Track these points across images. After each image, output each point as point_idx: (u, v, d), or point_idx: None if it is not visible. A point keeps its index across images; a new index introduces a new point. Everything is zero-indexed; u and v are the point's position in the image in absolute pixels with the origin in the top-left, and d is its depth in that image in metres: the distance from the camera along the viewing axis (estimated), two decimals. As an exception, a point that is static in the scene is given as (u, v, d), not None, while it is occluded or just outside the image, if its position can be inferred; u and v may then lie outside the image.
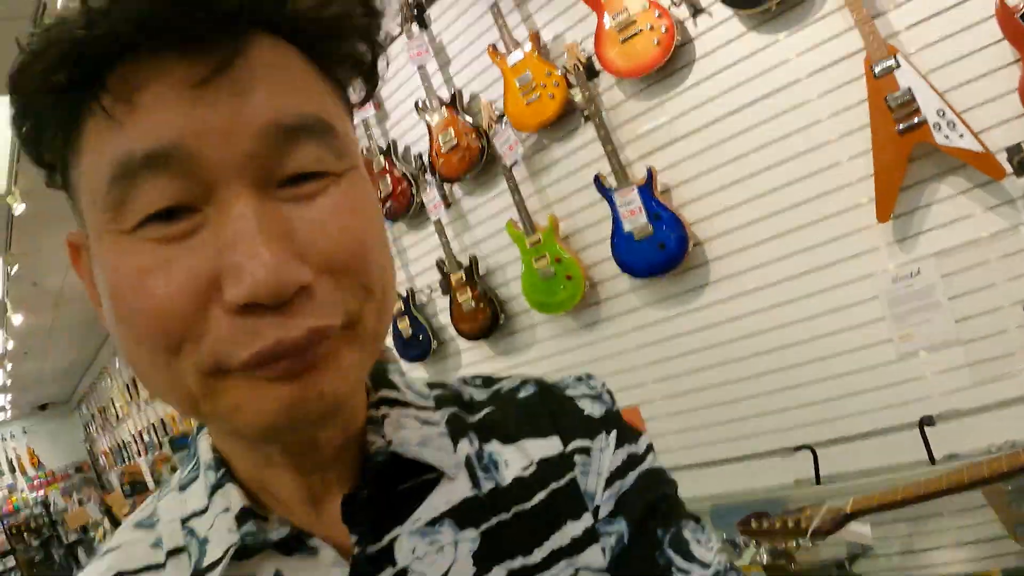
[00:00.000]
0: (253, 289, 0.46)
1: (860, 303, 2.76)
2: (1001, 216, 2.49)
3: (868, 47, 2.55)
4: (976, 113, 2.46)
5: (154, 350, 0.50)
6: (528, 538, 0.63)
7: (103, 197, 0.49)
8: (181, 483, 0.65)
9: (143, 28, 0.46)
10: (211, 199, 0.49)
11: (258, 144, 0.49)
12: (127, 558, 0.63)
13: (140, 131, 0.47)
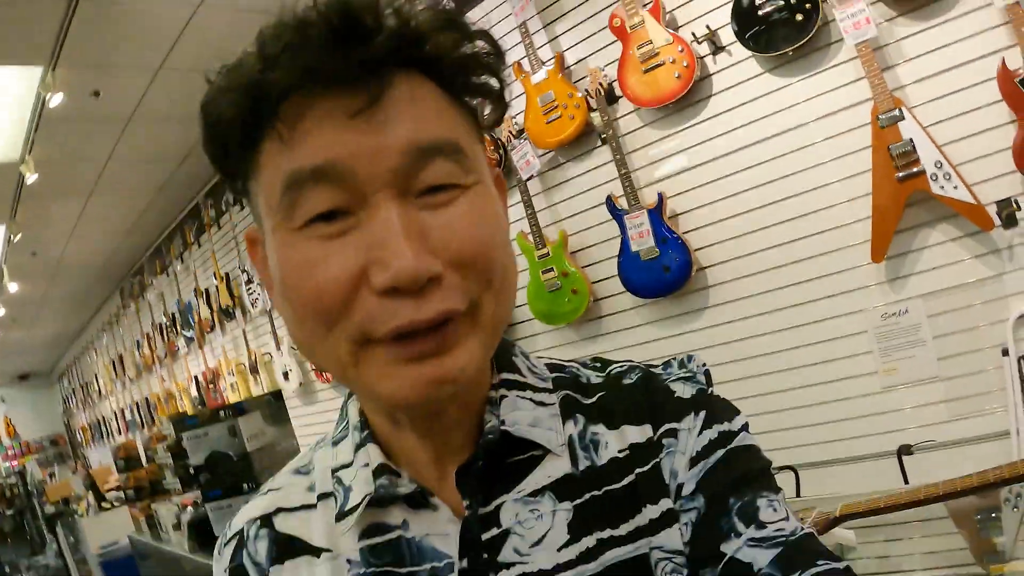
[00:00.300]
0: (396, 277, 0.57)
1: (849, 336, 2.95)
2: (987, 265, 2.69)
3: (876, 98, 2.74)
4: (971, 167, 2.66)
5: (315, 324, 0.62)
6: (615, 514, 0.70)
7: (277, 203, 0.62)
8: (334, 439, 0.78)
9: (308, 73, 0.58)
10: (362, 205, 0.60)
11: (400, 161, 0.60)
12: (286, 497, 0.78)
13: (307, 152, 0.59)
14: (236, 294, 6.37)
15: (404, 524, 0.70)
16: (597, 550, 0.68)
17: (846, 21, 2.75)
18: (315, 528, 0.74)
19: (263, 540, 0.76)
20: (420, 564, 0.69)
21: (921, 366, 2.78)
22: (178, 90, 4.60)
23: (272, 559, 0.75)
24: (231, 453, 3.12)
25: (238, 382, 6.52)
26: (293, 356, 5.80)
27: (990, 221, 2.61)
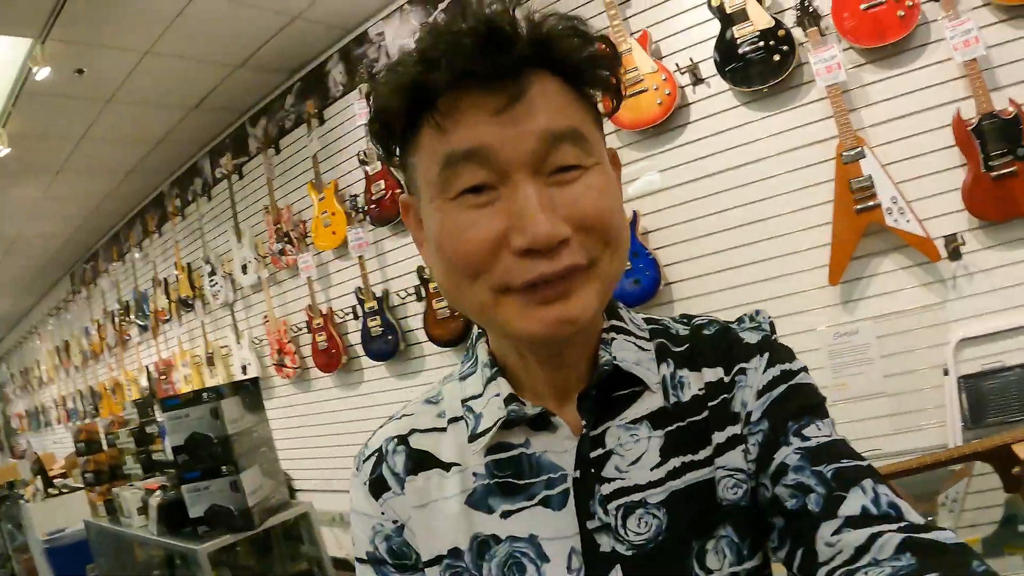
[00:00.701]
0: (533, 240, 0.72)
1: (804, 352, 3.14)
2: (932, 292, 3.00)
3: (841, 136, 3.03)
4: (923, 204, 2.96)
5: (462, 276, 0.77)
6: (695, 441, 0.85)
7: (435, 178, 0.76)
8: (461, 375, 0.94)
9: (462, 75, 0.73)
10: (504, 181, 0.75)
11: (535, 147, 0.74)
12: (419, 421, 0.93)
13: (460, 138, 0.74)
14: (197, 285, 6.38)
15: (526, 443, 0.86)
16: (681, 470, 0.84)
17: (819, 64, 3.03)
18: (444, 447, 0.90)
19: (400, 455, 0.90)
20: (538, 476, 0.84)
21: (869, 382, 3.06)
22: (162, 75, 4.65)
23: (408, 470, 0.89)
24: (212, 435, 3.17)
25: (192, 374, 6.53)
26: (253, 351, 5.87)
27: (937, 253, 2.92)
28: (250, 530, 3.21)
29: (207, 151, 6.23)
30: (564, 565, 0.81)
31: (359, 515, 0.91)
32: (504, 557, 0.83)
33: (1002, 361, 2.85)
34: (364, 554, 0.90)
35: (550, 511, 0.83)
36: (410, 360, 4.78)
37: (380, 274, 4.84)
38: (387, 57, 4.63)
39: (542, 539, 0.83)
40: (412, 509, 0.88)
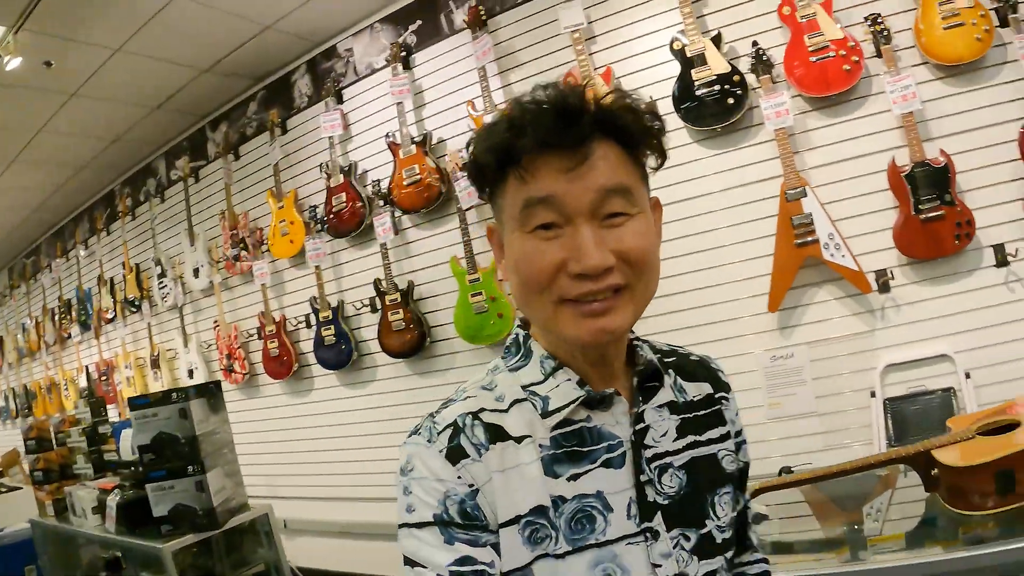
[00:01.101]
0: (585, 268, 0.98)
1: (743, 373, 3.45)
2: (863, 321, 3.29)
3: (786, 175, 3.30)
4: (857, 240, 3.26)
5: (532, 290, 1.03)
6: (700, 428, 1.18)
7: (517, 215, 1.02)
8: (511, 367, 1.13)
9: (542, 143, 0.98)
10: (568, 223, 1.00)
11: (593, 199, 0.99)
12: (483, 403, 1.08)
13: (538, 188, 1.00)
14: (146, 287, 6.38)
15: (588, 418, 1.08)
16: (692, 445, 1.15)
17: (769, 109, 3.30)
18: (510, 424, 1.06)
19: (479, 427, 1.04)
20: (598, 443, 1.07)
21: (801, 402, 3.33)
22: (129, 74, 4.71)
23: (488, 440, 1.04)
24: (179, 435, 3.23)
25: (135, 376, 6.51)
26: (200, 355, 5.90)
27: (868, 286, 3.22)
28: (214, 530, 3.28)
29: (163, 152, 6.25)
30: (624, 513, 1.05)
31: (427, 481, 1.01)
32: (572, 512, 1.03)
33: (924, 386, 3.15)
34: (431, 516, 0.99)
35: (612, 470, 1.06)
36: (362, 370, 4.90)
37: (336, 284, 4.96)
38: (355, 73, 4.80)
39: (607, 494, 1.05)
40: (494, 473, 1.02)
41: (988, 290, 3.17)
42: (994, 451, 1.65)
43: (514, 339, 1.17)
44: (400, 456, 1.06)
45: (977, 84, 3.21)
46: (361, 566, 4.97)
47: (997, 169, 3.16)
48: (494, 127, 1.04)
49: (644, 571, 1.03)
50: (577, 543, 1.02)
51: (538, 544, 1.01)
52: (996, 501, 1.63)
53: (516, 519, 1.01)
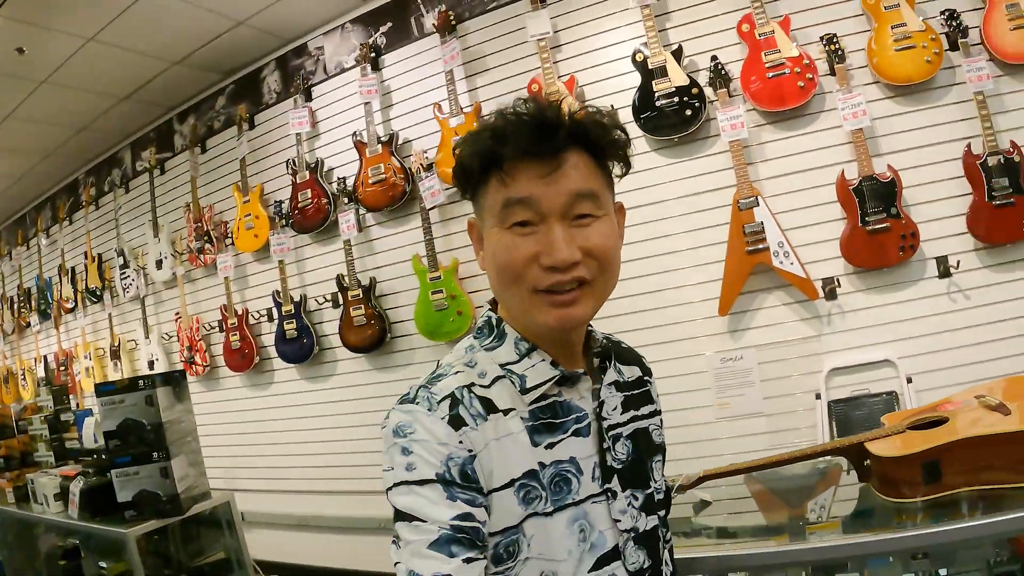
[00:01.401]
0: (555, 260, 1.10)
1: (693, 373, 3.58)
2: (809, 327, 3.43)
3: (739, 185, 3.42)
4: (806, 249, 3.40)
5: (508, 279, 1.15)
6: (637, 403, 1.33)
7: (497, 213, 1.14)
8: (486, 347, 1.23)
9: (523, 151, 1.11)
10: (543, 221, 1.12)
11: (565, 201, 1.12)
12: (471, 378, 1.18)
13: (516, 190, 1.12)
14: (107, 277, 6.35)
15: (559, 394, 1.21)
16: (633, 419, 1.30)
17: (725, 122, 3.42)
18: (497, 398, 1.17)
19: (475, 399, 1.15)
20: (568, 415, 1.20)
21: (749, 403, 3.45)
22: (100, 63, 4.71)
23: (484, 411, 1.14)
24: (145, 422, 3.26)
25: (94, 366, 6.48)
26: (161, 346, 5.89)
27: (816, 293, 3.35)
28: (178, 515, 3.31)
29: (130, 143, 6.23)
30: (591, 476, 1.19)
31: (430, 444, 1.08)
32: (552, 475, 1.15)
33: (867, 389, 3.29)
34: (433, 475, 1.06)
35: (581, 438, 1.20)
36: (322, 364, 4.94)
37: (299, 279, 5.00)
38: (324, 72, 4.85)
39: (579, 459, 1.18)
40: (490, 441, 1.12)
41: (930, 299, 3.33)
42: (922, 443, 1.75)
43: (486, 321, 1.27)
44: (391, 420, 1.13)
45: (925, 104, 3.36)
46: (318, 559, 5.05)
47: (942, 185, 3.31)
48: (479, 135, 1.16)
49: (607, 525, 1.19)
50: (557, 503, 1.14)
51: (530, 504, 1.12)
52: (924, 490, 1.73)
53: (511, 483, 1.11)
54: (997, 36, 3.23)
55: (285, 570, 5.17)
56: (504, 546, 1.10)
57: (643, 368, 1.43)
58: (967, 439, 1.71)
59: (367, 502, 4.61)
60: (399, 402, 1.15)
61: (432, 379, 1.18)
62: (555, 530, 1.13)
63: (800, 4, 3.52)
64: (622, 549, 1.19)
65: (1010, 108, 3.28)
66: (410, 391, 1.17)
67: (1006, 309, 3.26)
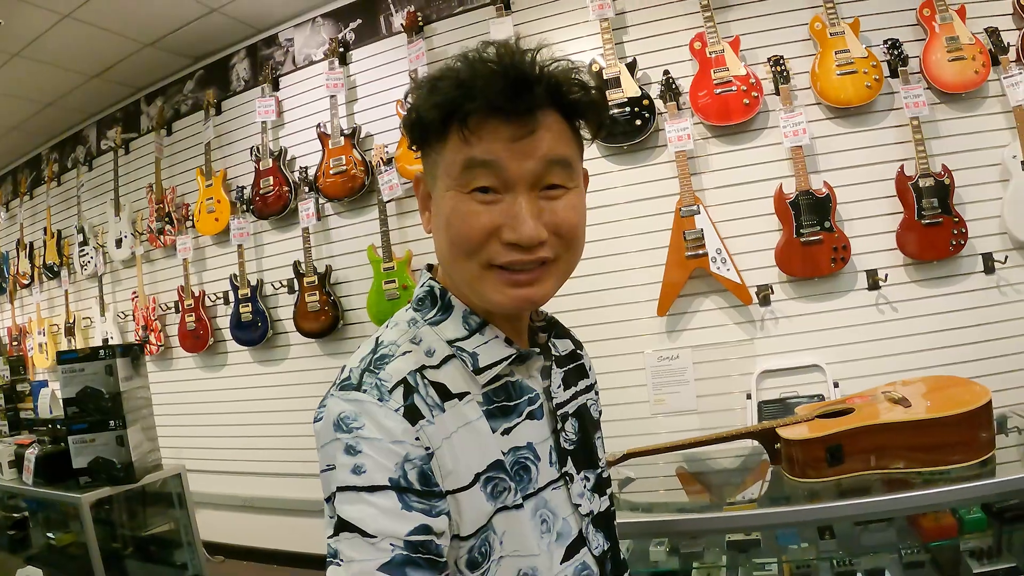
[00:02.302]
0: (520, 238, 0.94)
1: (631, 370, 3.69)
2: (743, 330, 3.56)
3: (682, 194, 3.54)
4: (743, 257, 3.53)
5: (461, 251, 0.98)
6: (574, 379, 1.20)
7: (456, 174, 0.96)
8: (431, 321, 1.05)
9: (492, 107, 0.93)
10: (508, 190, 0.95)
11: (536, 169, 0.95)
12: (420, 359, 1.00)
13: (481, 150, 0.94)
14: (66, 253, 6.29)
15: (511, 372, 1.07)
16: (575, 395, 1.18)
17: (672, 133, 3.55)
18: (449, 380, 1.00)
19: (430, 387, 0.97)
20: (521, 397, 1.06)
21: (683, 400, 3.57)
22: (75, 40, 4.70)
23: (441, 400, 0.97)
24: (103, 390, 3.27)
25: (48, 343, 6.42)
26: (116, 325, 5.86)
27: (750, 298, 3.49)
28: (131, 483, 3.32)
29: (96, 121, 6.19)
30: (548, 460, 1.06)
31: (380, 442, 0.91)
32: (511, 465, 1.01)
33: (796, 392, 3.43)
34: (386, 481, 0.89)
35: (535, 421, 1.06)
36: (275, 348, 4.97)
37: (256, 264, 5.02)
38: (293, 63, 4.89)
39: (536, 444, 1.05)
40: (450, 435, 0.95)
41: (859, 310, 3.49)
42: (826, 429, 1.86)
43: (428, 291, 1.10)
44: (331, 409, 0.95)
45: (863, 126, 3.53)
46: (263, 540, 5.07)
47: (875, 203, 3.47)
48: (439, 82, 0.97)
49: (568, 511, 1.07)
50: (520, 493, 1.00)
51: (498, 497, 0.97)
52: (828, 471, 1.84)
53: (476, 478, 0.96)
54: (936, 66, 3.40)
55: (230, 551, 5.17)
56: (478, 548, 0.95)
57: (574, 341, 1.29)
58: (865, 426, 1.82)
59: (316, 484, 4.58)
60: (339, 387, 0.98)
61: (377, 361, 0.99)
62: (526, 522, 1.00)
63: (751, 26, 3.67)
64: (586, 534, 1.09)
65: (943, 134, 3.45)
66: (350, 375, 0.99)
67: (930, 322, 3.43)
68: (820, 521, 1.90)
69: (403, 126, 1.07)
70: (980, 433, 1.81)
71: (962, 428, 1.79)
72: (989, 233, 3.40)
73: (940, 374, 3.18)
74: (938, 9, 3.42)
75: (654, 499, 2.22)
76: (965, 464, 1.78)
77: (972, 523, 2.00)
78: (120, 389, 3.29)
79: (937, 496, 1.70)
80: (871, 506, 1.69)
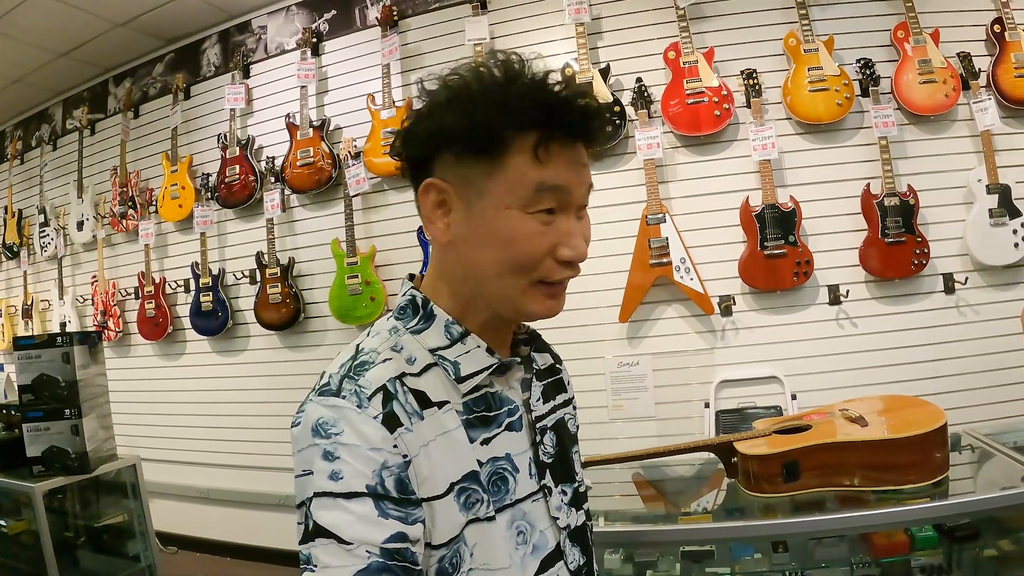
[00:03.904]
0: (576, 256, 1.01)
1: (591, 375, 3.62)
2: (704, 340, 3.52)
3: (649, 202, 3.49)
4: (707, 267, 3.48)
5: (517, 269, 1.00)
6: (554, 392, 1.21)
7: (525, 194, 0.98)
8: (413, 330, 1.06)
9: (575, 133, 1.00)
10: (563, 210, 1.01)
11: (585, 193, 1.04)
12: (401, 366, 1.00)
13: (554, 175, 0.98)
14: (26, 234, 6.11)
15: (491, 383, 1.07)
16: (553, 409, 1.18)
17: (642, 141, 3.50)
18: (429, 388, 1.00)
19: (409, 394, 0.97)
20: (500, 408, 1.07)
21: (642, 407, 3.52)
22: (45, 17, 4.58)
23: (420, 408, 0.97)
24: (60, 378, 3.19)
25: (4, 324, 6.24)
26: (75, 309, 5.70)
27: (712, 308, 3.45)
28: (85, 473, 3.23)
29: (62, 100, 6.02)
30: (527, 472, 1.07)
31: (359, 448, 0.91)
32: (488, 475, 1.01)
33: (754, 403, 3.41)
34: (363, 487, 0.89)
35: (514, 433, 1.08)
36: (235, 339, 4.86)
37: (219, 253, 4.91)
38: (264, 51, 4.78)
39: (514, 455, 1.06)
40: (428, 443, 0.95)
41: (820, 324, 3.47)
42: (783, 445, 1.84)
43: (410, 300, 1.10)
44: (310, 414, 0.95)
45: (832, 143, 3.51)
46: (217, 532, 4.98)
47: (839, 219, 3.46)
48: (514, 94, 0.98)
49: (547, 524, 1.08)
50: (496, 504, 1.01)
51: (470, 508, 0.97)
52: (783, 487, 1.82)
53: (450, 488, 0.96)
54: (907, 87, 3.40)
55: (184, 542, 5.08)
56: (449, 559, 0.95)
57: (553, 355, 1.30)
58: (821, 444, 1.80)
59: (271, 478, 4.58)
60: (318, 393, 0.97)
61: (357, 367, 0.99)
62: (498, 535, 1.00)
63: (725, 38, 3.64)
64: (563, 548, 1.09)
65: (911, 155, 3.46)
66: (330, 381, 0.98)
67: (889, 338, 3.43)
68: (774, 537, 1.89)
69: (423, 130, 1.03)
70: (935, 454, 1.80)
71: (917, 449, 1.78)
72: (951, 254, 3.40)
73: (897, 390, 3.21)
74: (912, 31, 3.42)
75: (610, 506, 2.18)
76: (919, 485, 1.77)
77: (923, 540, 2.00)
78: (76, 377, 3.20)
79: (891, 516, 1.70)
80: (826, 524, 1.68)
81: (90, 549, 3.65)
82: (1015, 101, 3.36)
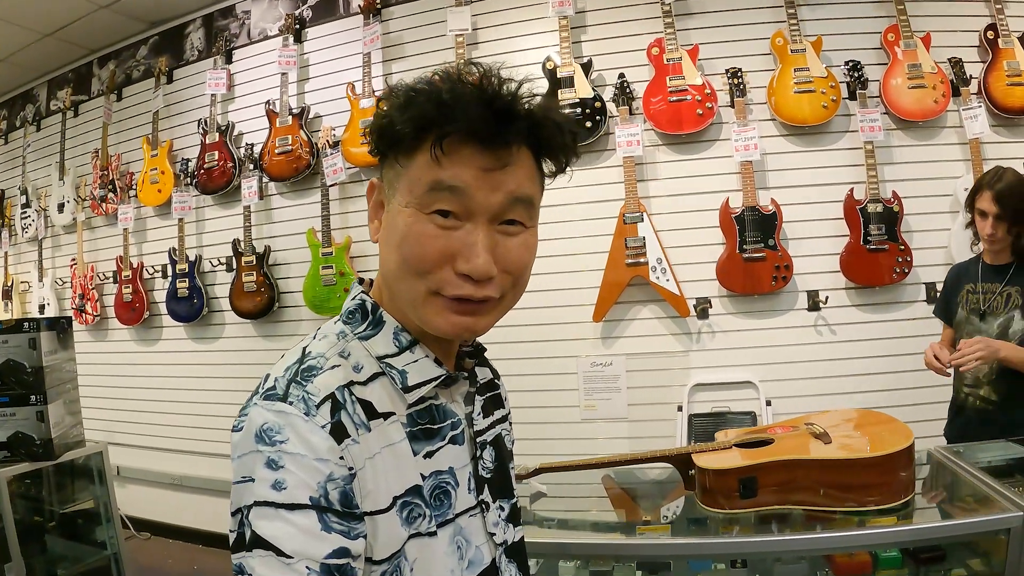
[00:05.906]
0: (472, 270, 0.88)
1: (564, 374, 3.48)
2: (679, 342, 3.36)
3: (627, 200, 3.34)
4: (683, 268, 3.32)
5: (410, 271, 0.91)
6: (493, 407, 1.15)
7: (420, 193, 0.89)
8: (361, 336, 0.99)
9: (470, 133, 0.87)
10: (469, 218, 0.89)
11: (500, 203, 0.90)
12: (349, 374, 0.94)
13: (450, 174, 0.88)
14: (7, 215, 5.96)
15: (436, 395, 1.01)
16: (493, 424, 1.12)
17: (622, 138, 3.36)
18: (376, 400, 0.94)
19: (357, 404, 0.91)
20: (444, 421, 1.01)
21: (614, 408, 3.39)
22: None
23: (367, 419, 0.91)
24: (26, 364, 3.12)
25: (-16, 303, 6.08)
26: (54, 291, 5.55)
27: (688, 310, 3.29)
28: (49, 460, 3.17)
29: (46, 80, 5.86)
30: (467, 487, 1.02)
31: (305, 459, 0.85)
32: (431, 489, 0.97)
33: (728, 407, 3.27)
34: (307, 499, 0.84)
35: (457, 447, 1.02)
36: (210, 326, 4.72)
37: (196, 239, 4.77)
38: (248, 36, 4.63)
39: (456, 469, 1.00)
40: (372, 456, 0.90)
41: (797, 330, 3.33)
42: (743, 460, 1.73)
43: (359, 305, 1.03)
44: (254, 419, 0.88)
45: (817, 146, 3.37)
46: (191, 520, 4.88)
47: (821, 224, 3.32)
48: (416, 95, 0.91)
49: (482, 540, 1.03)
50: (438, 519, 0.97)
51: (412, 523, 0.93)
52: (740, 503, 1.72)
53: (393, 502, 0.92)
54: (895, 92, 3.27)
55: (158, 528, 4.98)
56: (389, 574, 0.91)
57: (493, 371, 1.23)
58: (780, 461, 1.68)
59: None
60: (263, 397, 0.90)
61: (304, 372, 0.93)
62: (438, 550, 0.96)
63: (711, 36, 3.49)
64: (499, 564, 1.06)
65: (897, 160, 3.33)
66: (275, 384, 0.91)
67: (868, 347, 3.31)
68: (734, 555, 1.78)
69: (371, 129, 0.98)
70: (899, 475, 1.68)
71: (880, 470, 1.66)
72: (935, 263, 3.26)
73: (874, 401, 3.11)
74: (903, 35, 3.28)
75: (566, 515, 2.08)
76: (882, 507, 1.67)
77: (887, 561, 1.87)
78: (43, 363, 3.13)
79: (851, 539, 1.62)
80: (785, 544, 1.58)
81: (58, 535, 3.57)
82: (1006, 109, 3.23)
